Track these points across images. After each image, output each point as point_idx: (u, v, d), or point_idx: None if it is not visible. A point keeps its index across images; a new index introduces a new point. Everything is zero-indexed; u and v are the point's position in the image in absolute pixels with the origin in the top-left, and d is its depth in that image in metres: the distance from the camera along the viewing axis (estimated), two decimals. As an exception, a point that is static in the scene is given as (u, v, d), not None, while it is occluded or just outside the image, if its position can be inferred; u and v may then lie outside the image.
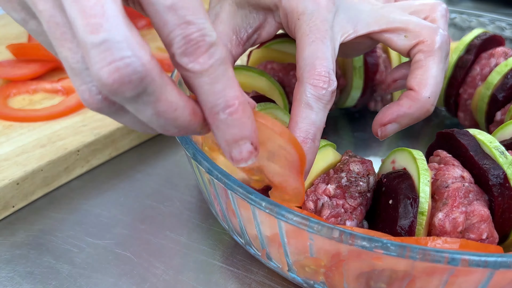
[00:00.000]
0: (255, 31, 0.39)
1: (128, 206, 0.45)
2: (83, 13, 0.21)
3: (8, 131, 0.49)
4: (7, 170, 0.44)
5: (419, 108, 0.35)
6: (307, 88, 0.33)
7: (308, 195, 0.33)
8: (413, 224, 0.31)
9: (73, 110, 0.53)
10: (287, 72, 0.49)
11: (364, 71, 0.52)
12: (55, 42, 0.24)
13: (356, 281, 0.31)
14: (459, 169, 0.34)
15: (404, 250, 0.27)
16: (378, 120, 0.37)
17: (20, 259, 0.39)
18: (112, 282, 0.37)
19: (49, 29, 0.24)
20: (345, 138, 0.51)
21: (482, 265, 0.26)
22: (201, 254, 0.40)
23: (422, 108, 0.35)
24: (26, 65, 0.59)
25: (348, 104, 0.55)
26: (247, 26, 0.38)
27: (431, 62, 0.35)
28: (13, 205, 0.44)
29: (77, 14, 0.22)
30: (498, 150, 0.34)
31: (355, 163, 0.34)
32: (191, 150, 0.34)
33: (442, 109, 0.58)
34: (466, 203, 0.32)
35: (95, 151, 0.49)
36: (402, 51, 0.37)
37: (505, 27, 0.58)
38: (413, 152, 0.35)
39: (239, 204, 0.33)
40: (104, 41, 0.21)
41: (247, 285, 0.37)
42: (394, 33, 0.37)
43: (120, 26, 0.22)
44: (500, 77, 0.47)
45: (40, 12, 0.23)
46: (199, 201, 0.46)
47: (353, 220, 0.33)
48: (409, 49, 0.37)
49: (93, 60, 0.22)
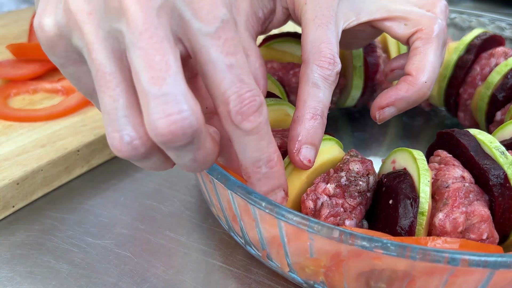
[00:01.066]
0: (270, 13, 0.40)
1: (128, 206, 0.45)
2: (149, 67, 0.23)
3: (8, 131, 0.49)
4: (7, 170, 0.44)
5: (416, 92, 0.37)
6: (314, 68, 0.34)
7: (308, 194, 0.34)
8: (413, 224, 0.31)
9: (73, 110, 0.53)
10: (287, 71, 0.49)
11: (364, 71, 0.52)
12: (98, 88, 0.25)
13: (356, 281, 0.31)
14: (459, 169, 0.34)
15: (404, 250, 0.27)
16: (376, 103, 0.38)
17: (20, 259, 0.39)
18: (112, 282, 0.37)
19: (95, 77, 0.25)
20: (345, 138, 0.51)
21: (482, 265, 0.26)
22: (201, 254, 0.40)
23: (419, 92, 0.37)
24: (26, 65, 0.59)
25: (348, 104, 0.55)
26: (263, 7, 0.39)
27: (429, 49, 0.37)
28: (13, 205, 0.44)
29: (143, 67, 0.24)
30: (499, 150, 0.34)
31: (354, 162, 0.34)
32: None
33: (442, 109, 0.58)
34: (466, 203, 0.32)
35: (95, 151, 0.49)
36: (402, 39, 0.39)
37: (505, 27, 0.58)
38: (414, 152, 0.35)
39: (239, 204, 0.33)
40: (166, 94, 0.23)
41: (247, 285, 0.37)
42: (395, 21, 0.39)
43: (180, 81, 0.24)
44: (500, 77, 0.47)
45: (93, 60, 0.25)
46: (199, 201, 0.46)
47: (353, 219, 0.33)
48: (408, 37, 0.38)
49: (152, 111, 0.24)
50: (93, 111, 0.53)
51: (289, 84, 0.49)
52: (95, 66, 0.25)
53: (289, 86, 0.49)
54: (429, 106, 0.57)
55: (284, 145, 0.36)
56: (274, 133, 0.37)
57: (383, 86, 0.55)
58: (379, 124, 0.39)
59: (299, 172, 0.35)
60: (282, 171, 0.30)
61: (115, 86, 0.25)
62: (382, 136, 0.55)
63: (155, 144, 0.26)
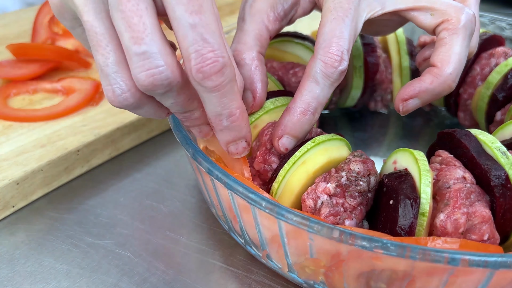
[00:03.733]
0: (292, 6, 0.40)
1: (128, 206, 0.45)
2: (129, 27, 0.27)
3: (8, 131, 0.49)
4: (7, 170, 0.44)
5: (441, 84, 0.36)
6: (318, 64, 0.34)
7: (309, 193, 0.34)
8: (413, 224, 0.31)
9: (73, 110, 0.53)
10: (287, 71, 0.49)
11: (364, 70, 0.52)
12: (92, 47, 0.29)
13: (356, 281, 0.31)
14: (460, 169, 0.34)
15: (404, 250, 0.27)
16: (400, 95, 0.38)
17: (20, 259, 0.39)
18: (112, 282, 0.37)
19: (88, 36, 0.29)
20: (345, 138, 0.51)
21: (482, 265, 0.26)
22: (201, 254, 0.40)
23: (443, 84, 0.36)
24: (26, 65, 0.59)
25: (348, 104, 0.55)
26: (283, 2, 0.39)
27: (455, 40, 0.36)
28: (13, 205, 0.44)
29: (124, 28, 0.27)
30: (500, 150, 0.34)
31: (356, 162, 0.34)
32: (191, 150, 0.34)
33: (442, 109, 0.58)
34: (467, 204, 0.32)
35: (95, 151, 0.49)
36: (428, 29, 0.38)
37: (505, 27, 0.58)
38: (415, 152, 0.35)
39: (239, 204, 0.33)
40: (144, 52, 0.27)
41: (247, 285, 0.37)
42: (421, 11, 0.38)
43: (156, 39, 0.27)
44: (500, 77, 0.47)
45: (84, 22, 0.29)
46: (199, 201, 0.46)
47: (353, 219, 0.33)
48: (434, 27, 0.38)
49: (134, 65, 0.28)
50: (93, 111, 0.53)
51: (289, 83, 0.49)
52: (86, 27, 0.29)
53: (289, 85, 0.49)
54: (429, 106, 0.57)
55: None
56: None
57: (383, 86, 0.55)
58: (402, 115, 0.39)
59: (307, 167, 0.35)
60: (243, 124, 0.32)
61: (105, 45, 0.29)
62: (382, 136, 0.55)
63: (144, 94, 0.30)
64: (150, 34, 0.27)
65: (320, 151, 0.36)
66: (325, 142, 0.36)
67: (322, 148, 0.36)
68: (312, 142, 0.36)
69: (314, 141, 0.36)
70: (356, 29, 0.36)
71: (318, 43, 0.35)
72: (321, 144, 0.36)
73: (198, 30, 0.27)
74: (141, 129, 0.53)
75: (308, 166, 0.35)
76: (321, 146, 0.36)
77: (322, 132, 0.39)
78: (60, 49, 0.60)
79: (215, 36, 0.28)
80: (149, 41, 0.27)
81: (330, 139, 0.37)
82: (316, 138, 0.36)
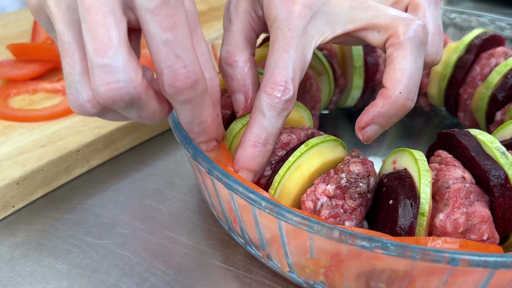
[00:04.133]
0: None
1: (128, 206, 0.45)
2: (93, 39, 0.27)
3: (8, 131, 0.49)
4: (7, 170, 0.44)
5: (392, 105, 0.33)
6: (262, 95, 0.34)
7: (308, 194, 0.34)
8: (413, 224, 0.31)
9: (73, 110, 0.53)
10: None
11: (364, 71, 0.52)
12: (60, 55, 0.29)
13: (356, 281, 0.31)
14: (460, 169, 0.34)
15: (404, 250, 0.27)
16: (357, 123, 0.36)
17: (20, 259, 0.39)
18: (112, 282, 0.37)
19: (58, 43, 0.29)
20: (345, 138, 0.51)
21: (482, 265, 0.26)
22: (201, 254, 0.40)
23: (395, 105, 0.33)
24: (26, 65, 0.59)
25: (348, 104, 0.55)
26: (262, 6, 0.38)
27: (401, 55, 0.33)
28: (13, 205, 0.44)
29: (89, 39, 0.27)
30: (499, 150, 0.34)
31: (355, 164, 0.34)
32: (191, 150, 0.34)
33: (442, 109, 0.58)
34: (467, 204, 0.32)
35: (95, 151, 0.49)
36: (379, 47, 0.36)
37: (505, 27, 0.58)
38: (414, 152, 0.35)
39: (239, 204, 0.33)
40: (106, 64, 0.27)
41: (247, 285, 0.37)
42: (368, 30, 0.35)
43: (120, 54, 0.27)
44: (500, 77, 0.47)
45: (56, 30, 0.29)
46: (199, 201, 0.46)
47: (352, 220, 0.33)
48: (383, 45, 0.35)
49: (95, 78, 0.27)
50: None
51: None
52: (57, 35, 0.29)
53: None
54: (429, 106, 0.57)
55: (292, 141, 0.37)
56: (283, 129, 0.38)
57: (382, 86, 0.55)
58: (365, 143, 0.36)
59: (302, 171, 0.35)
60: (214, 128, 0.33)
61: (71, 54, 0.29)
62: (382, 136, 0.55)
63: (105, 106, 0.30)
64: (114, 47, 0.27)
65: (314, 154, 0.35)
66: (319, 145, 0.36)
67: (316, 151, 0.36)
68: (305, 146, 0.35)
69: (307, 145, 0.36)
70: (304, 56, 0.35)
71: (264, 75, 0.35)
72: (315, 147, 0.36)
73: (171, 47, 0.27)
74: (141, 129, 0.53)
75: (303, 170, 0.35)
76: (315, 149, 0.36)
77: (315, 133, 0.39)
78: (60, 49, 0.60)
79: (187, 52, 0.28)
80: (113, 54, 0.27)
81: (324, 141, 0.36)
82: (309, 141, 0.36)
